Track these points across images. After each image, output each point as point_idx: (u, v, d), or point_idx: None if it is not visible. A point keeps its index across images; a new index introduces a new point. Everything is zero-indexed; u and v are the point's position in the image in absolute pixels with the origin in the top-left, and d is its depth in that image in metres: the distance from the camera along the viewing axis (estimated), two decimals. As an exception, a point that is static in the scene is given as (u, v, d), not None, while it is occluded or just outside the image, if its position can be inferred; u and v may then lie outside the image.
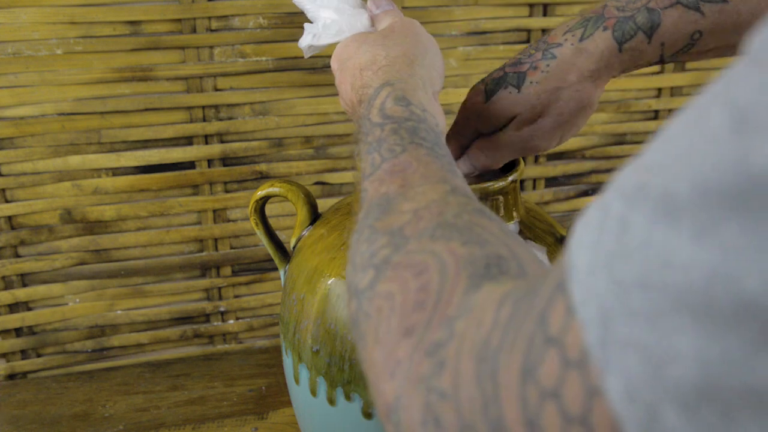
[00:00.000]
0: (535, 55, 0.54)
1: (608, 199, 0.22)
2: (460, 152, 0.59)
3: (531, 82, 0.53)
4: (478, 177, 0.60)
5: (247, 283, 0.92)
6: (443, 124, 0.46)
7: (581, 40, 0.53)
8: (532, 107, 0.54)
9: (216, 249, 0.89)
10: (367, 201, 0.38)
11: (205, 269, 0.90)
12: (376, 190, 0.38)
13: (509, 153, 0.56)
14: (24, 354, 0.88)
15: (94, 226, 0.85)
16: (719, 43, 0.52)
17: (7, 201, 0.82)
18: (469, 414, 0.25)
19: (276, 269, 0.90)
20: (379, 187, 0.38)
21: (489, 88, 0.55)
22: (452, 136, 0.58)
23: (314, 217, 0.62)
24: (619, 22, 0.52)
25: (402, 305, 0.30)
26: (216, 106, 0.84)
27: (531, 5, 0.88)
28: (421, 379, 0.27)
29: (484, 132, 0.57)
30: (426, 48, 0.50)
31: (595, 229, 0.22)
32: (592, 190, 0.99)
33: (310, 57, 0.84)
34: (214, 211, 0.88)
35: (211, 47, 0.81)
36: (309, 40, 0.56)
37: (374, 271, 0.33)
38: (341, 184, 0.90)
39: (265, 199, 0.63)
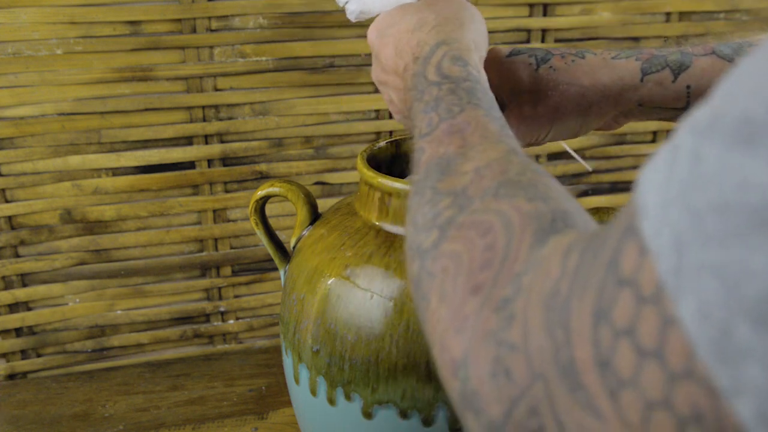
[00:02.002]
0: (571, 50, 0.55)
1: (679, 139, 0.23)
2: None
3: (551, 67, 0.54)
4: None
5: (247, 283, 0.92)
6: None
7: (613, 58, 0.54)
8: (538, 87, 0.54)
9: (216, 249, 0.89)
10: (425, 162, 0.38)
11: (205, 269, 0.90)
12: (434, 150, 0.38)
13: None
14: (24, 354, 0.88)
15: (94, 226, 0.85)
16: None
17: (7, 201, 0.82)
18: (540, 363, 0.25)
19: (276, 269, 0.90)
20: (438, 148, 0.38)
21: (516, 49, 0.56)
22: None
23: (314, 217, 0.62)
24: (651, 57, 0.53)
25: (469, 264, 0.31)
26: (216, 106, 0.84)
27: (531, 5, 0.88)
28: (490, 333, 0.28)
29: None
30: (472, 13, 0.50)
31: (665, 168, 0.22)
32: (592, 190, 0.99)
33: (310, 56, 0.84)
34: (214, 211, 0.88)
35: (211, 47, 0.81)
36: (359, 5, 0.56)
37: (438, 231, 0.33)
38: (341, 184, 0.90)
39: (265, 199, 0.63)
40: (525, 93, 0.54)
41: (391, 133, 0.89)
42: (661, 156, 0.23)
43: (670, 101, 0.53)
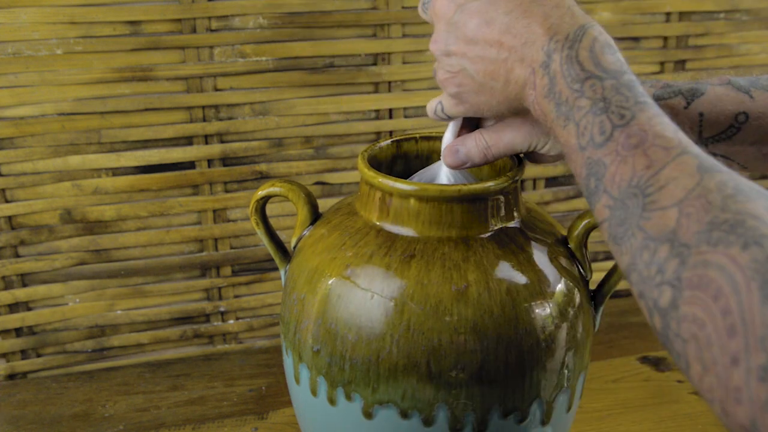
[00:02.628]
0: None
1: None
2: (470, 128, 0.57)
3: None
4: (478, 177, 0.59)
5: (247, 283, 0.92)
6: None
7: None
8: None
9: (216, 249, 0.89)
10: (615, 183, 0.37)
11: (205, 269, 0.90)
12: (619, 170, 0.37)
13: (510, 151, 0.55)
14: (24, 354, 0.88)
15: (94, 226, 0.85)
16: (766, 134, 0.51)
17: (7, 201, 0.82)
18: None
19: (276, 269, 0.90)
20: (623, 167, 0.37)
21: None
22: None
23: (315, 217, 0.62)
24: (665, 86, 0.52)
25: (715, 333, 0.31)
26: (216, 106, 0.84)
27: (531, 5, 0.88)
28: (766, 403, 0.29)
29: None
30: None
31: None
32: (592, 190, 0.99)
33: (310, 56, 0.84)
34: (214, 211, 0.88)
35: (211, 47, 0.81)
36: None
37: (671, 290, 0.33)
38: (341, 184, 0.90)
39: (265, 199, 0.63)
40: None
41: (391, 133, 0.89)
42: None
43: (684, 127, 0.51)
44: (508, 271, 0.53)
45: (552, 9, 0.44)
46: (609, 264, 0.96)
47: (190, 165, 0.85)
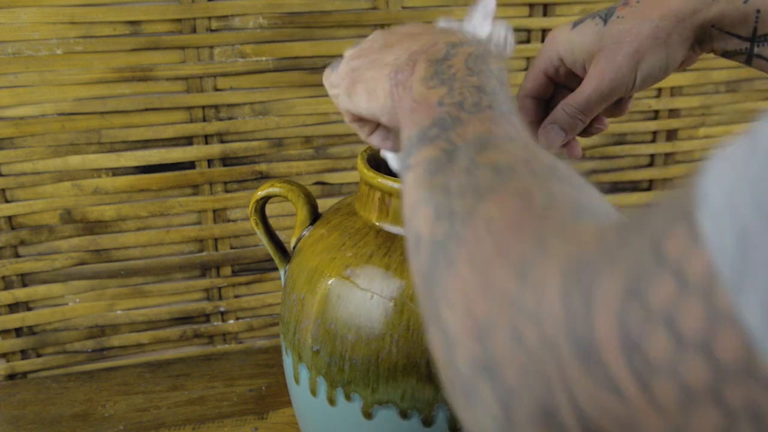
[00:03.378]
0: None
1: (758, 134, 0.22)
2: (537, 113, 0.58)
3: (618, 16, 0.53)
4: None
5: (247, 283, 0.92)
6: None
7: None
8: (612, 40, 0.53)
9: (216, 249, 0.89)
10: (471, 132, 0.36)
11: (205, 269, 0.90)
12: (478, 127, 0.36)
13: (592, 103, 0.54)
14: (24, 354, 0.88)
15: (94, 226, 0.85)
16: None
17: (7, 201, 0.82)
18: (552, 331, 0.25)
19: (276, 269, 0.90)
20: (481, 125, 0.36)
21: (579, 19, 0.55)
22: (525, 89, 0.58)
23: (314, 217, 0.62)
24: None
25: (500, 225, 0.30)
26: (216, 106, 0.84)
27: (531, 5, 0.88)
28: (510, 296, 0.27)
29: (562, 81, 0.57)
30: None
31: (736, 161, 0.22)
32: (592, 190, 0.99)
33: (310, 56, 0.84)
34: (214, 211, 0.88)
35: (211, 47, 0.81)
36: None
37: (475, 196, 0.32)
38: (341, 184, 0.90)
39: (265, 199, 0.63)
40: (602, 51, 0.53)
41: (391, 133, 0.89)
42: (733, 148, 0.22)
43: (739, 24, 0.52)
44: (507, 271, 0.53)
45: (429, 40, 0.44)
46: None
47: (190, 165, 0.85)
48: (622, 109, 0.59)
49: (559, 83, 0.58)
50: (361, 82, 0.46)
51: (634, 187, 1.01)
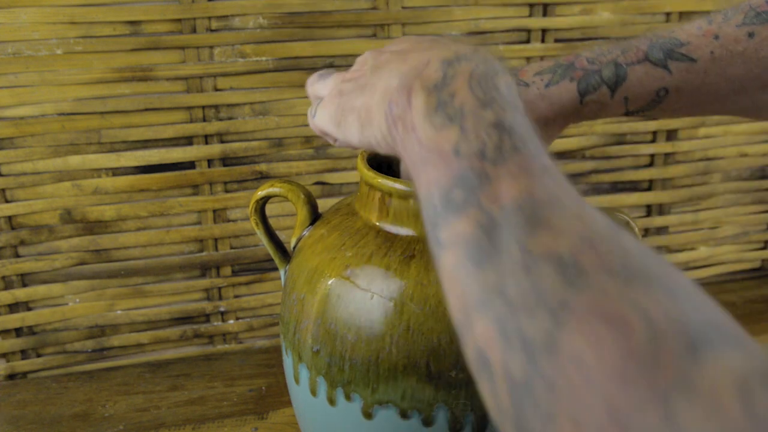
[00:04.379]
0: None
1: None
2: None
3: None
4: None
5: (247, 283, 0.92)
6: None
7: (547, 86, 0.53)
8: None
9: (216, 249, 0.89)
10: (497, 201, 0.30)
11: (205, 269, 0.90)
12: (507, 185, 0.30)
13: None
14: (24, 354, 0.88)
15: (94, 226, 0.85)
16: (687, 102, 0.53)
17: (7, 201, 0.82)
18: None
19: (276, 269, 0.90)
20: (512, 182, 0.30)
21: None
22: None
23: (314, 217, 0.62)
24: (585, 75, 0.53)
25: (603, 376, 0.24)
26: (216, 106, 0.84)
27: (531, 5, 0.88)
28: None
29: None
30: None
31: None
32: (592, 190, 0.99)
33: (310, 56, 0.84)
34: (214, 211, 0.88)
35: (211, 47, 0.81)
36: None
37: (550, 317, 0.26)
38: (341, 184, 0.90)
39: (265, 199, 0.63)
40: None
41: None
42: None
43: (611, 113, 0.54)
44: (507, 272, 0.53)
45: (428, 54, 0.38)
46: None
47: (190, 165, 0.85)
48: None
49: None
50: (351, 111, 0.43)
51: (634, 187, 1.01)
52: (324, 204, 0.71)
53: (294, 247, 0.62)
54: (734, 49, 0.51)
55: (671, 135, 0.99)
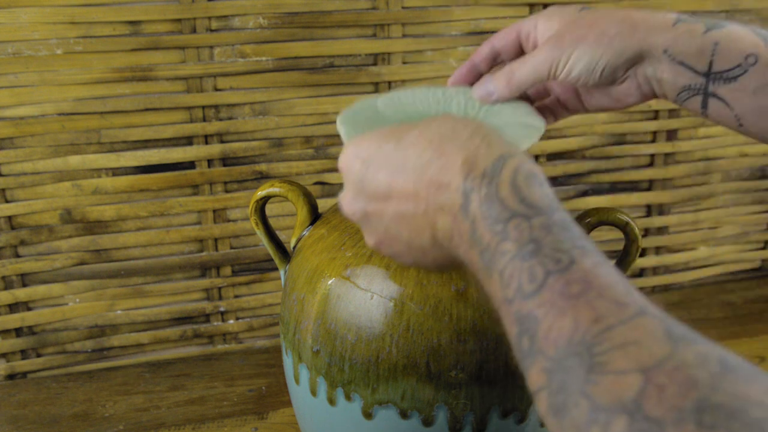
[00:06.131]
0: None
1: None
2: (474, 76, 0.56)
3: (591, 8, 0.52)
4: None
5: (247, 283, 0.92)
6: None
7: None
8: (574, 24, 0.51)
9: (216, 249, 0.89)
10: (552, 341, 0.30)
11: (205, 269, 0.90)
12: (556, 323, 0.30)
13: (532, 76, 0.52)
14: (24, 354, 0.88)
15: (94, 226, 0.85)
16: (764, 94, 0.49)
17: (7, 201, 0.82)
18: None
19: (276, 269, 0.90)
20: (561, 320, 0.30)
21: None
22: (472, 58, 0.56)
23: (314, 217, 0.62)
24: (690, 16, 0.51)
25: None
26: (216, 106, 0.84)
27: (531, 5, 0.88)
28: None
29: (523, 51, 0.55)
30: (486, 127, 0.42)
31: None
32: (592, 190, 0.99)
33: (310, 56, 0.84)
34: (214, 211, 0.88)
35: (211, 47, 0.81)
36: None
37: None
38: (341, 184, 0.90)
39: (265, 199, 0.63)
40: (560, 29, 0.52)
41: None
42: None
43: (694, 56, 0.49)
44: (507, 272, 0.53)
45: (467, 141, 0.38)
46: (609, 264, 0.96)
47: (190, 165, 0.85)
48: (583, 104, 0.57)
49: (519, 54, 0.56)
50: (389, 240, 0.42)
51: (634, 187, 1.01)
52: (324, 204, 0.71)
53: (294, 247, 0.62)
54: None
55: (671, 135, 0.99)
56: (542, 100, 0.59)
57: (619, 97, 0.53)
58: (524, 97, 0.56)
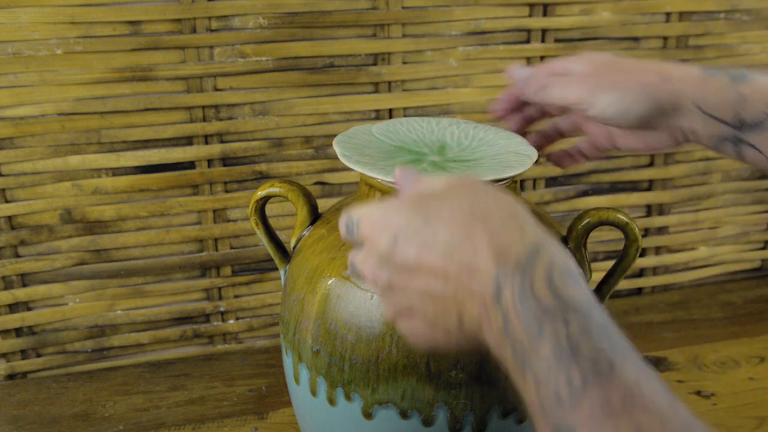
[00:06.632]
0: None
1: None
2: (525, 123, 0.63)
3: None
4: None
5: (247, 283, 0.92)
6: None
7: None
8: (613, 67, 0.56)
9: (216, 249, 0.89)
10: None
11: (205, 269, 0.90)
12: None
13: (559, 99, 0.56)
14: (24, 354, 0.88)
15: (94, 226, 0.85)
16: None
17: (7, 201, 0.82)
18: None
19: (276, 269, 0.90)
20: None
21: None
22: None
23: (314, 217, 0.62)
24: (713, 68, 0.54)
25: None
26: (216, 106, 0.84)
27: (531, 5, 0.88)
28: None
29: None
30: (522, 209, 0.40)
31: None
32: (592, 190, 0.99)
33: (310, 56, 0.84)
34: (214, 211, 0.88)
35: (211, 47, 0.81)
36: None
37: None
38: (341, 184, 0.90)
39: (265, 199, 0.63)
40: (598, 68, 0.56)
41: (391, 133, 0.89)
42: None
43: (723, 109, 0.51)
44: (507, 272, 0.53)
45: (499, 225, 0.37)
46: (609, 264, 0.96)
47: (190, 165, 0.85)
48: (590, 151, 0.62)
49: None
50: (410, 315, 0.41)
51: (634, 187, 1.01)
52: (324, 204, 0.71)
53: (294, 247, 0.62)
54: None
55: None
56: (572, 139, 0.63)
57: (650, 142, 0.57)
58: (521, 134, 0.62)
